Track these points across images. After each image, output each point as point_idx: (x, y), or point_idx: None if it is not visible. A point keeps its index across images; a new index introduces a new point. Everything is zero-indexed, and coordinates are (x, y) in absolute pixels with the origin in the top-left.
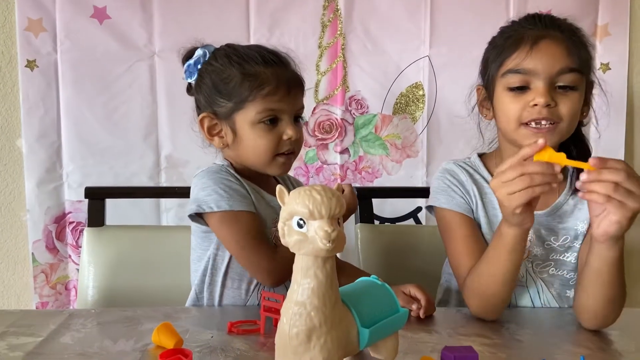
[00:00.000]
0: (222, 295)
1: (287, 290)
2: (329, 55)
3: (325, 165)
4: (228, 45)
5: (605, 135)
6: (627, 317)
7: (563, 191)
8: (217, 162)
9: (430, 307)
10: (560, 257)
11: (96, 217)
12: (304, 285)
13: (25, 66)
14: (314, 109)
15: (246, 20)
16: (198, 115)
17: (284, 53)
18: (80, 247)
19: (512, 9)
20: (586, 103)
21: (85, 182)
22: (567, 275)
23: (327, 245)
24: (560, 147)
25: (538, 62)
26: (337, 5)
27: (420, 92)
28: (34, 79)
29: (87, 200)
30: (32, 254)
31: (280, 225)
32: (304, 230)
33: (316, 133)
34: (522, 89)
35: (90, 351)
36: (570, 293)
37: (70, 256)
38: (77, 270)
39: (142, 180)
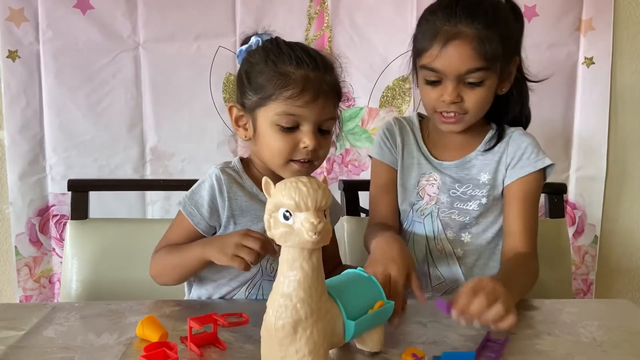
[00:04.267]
0: (212, 293)
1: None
2: (316, 48)
3: None
4: (274, 40)
5: (589, 128)
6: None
7: (476, 148)
8: (234, 159)
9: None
10: (464, 206)
11: (80, 210)
12: (290, 278)
13: (7, 57)
14: None
15: (232, 11)
16: None
17: (330, 57)
18: (64, 240)
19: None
20: (506, 78)
21: (69, 175)
22: (467, 221)
23: (313, 237)
24: (491, 116)
25: (447, 64)
26: None
27: (407, 86)
28: (15, 70)
29: (70, 192)
30: (15, 247)
31: (266, 217)
32: (290, 222)
33: None
34: (435, 82)
35: (74, 345)
36: (465, 237)
37: (54, 249)
38: (61, 263)
39: (127, 173)
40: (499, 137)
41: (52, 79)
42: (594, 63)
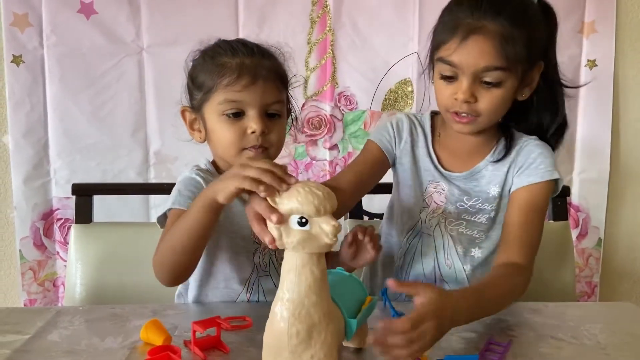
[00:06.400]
0: (207, 296)
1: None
2: (318, 51)
3: (314, 162)
4: (215, 41)
5: (592, 131)
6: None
7: (486, 156)
8: (201, 162)
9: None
10: (472, 218)
11: (84, 214)
12: (300, 284)
13: (11, 61)
14: (303, 105)
15: (235, 15)
16: None
17: (269, 46)
18: (68, 243)
19: None
20: (528, 84)
21: (73, 179)
22: (476, 235)
23: (334, 239)
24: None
25: (464, 58)
26: (326, 1)
27: (409, 88)
28: (20, 75)
29: (74, 196)
30: (20, 251)
31: (273, 228)
32: (307, 228)
33: (305, 129)
34: (451, 77)
35: (78, 349)
36: (476, 252)
37: (58, 253)
38: (65, 267)
39: (131, 177)
40: (510, 146)
41: (56, 84)
42: (596, 65)
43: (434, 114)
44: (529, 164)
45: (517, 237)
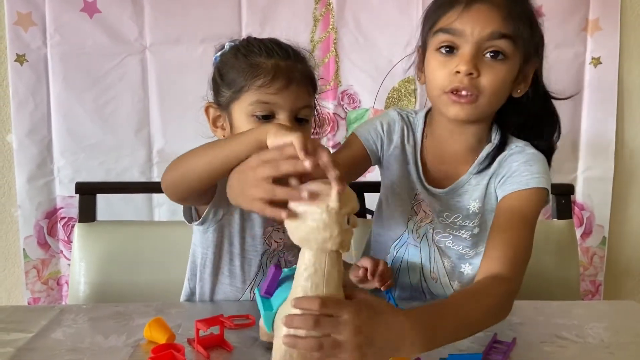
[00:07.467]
0: (214, 292)
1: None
2: (321, 50)
3: None
4: (244, 38)
5: (596, 129)
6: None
7: (470, 166)
8: None
9: (380, 269)
10: (457, 233)
11: (87, 213)
12: (330, 281)
13: (15, 61)
14: None
15: (238, 14)
16: None
17: (301, 49)
18: (72, 242)
19: None
20: (524, 80)
21: (77, 178)
22: (463, 251)
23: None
24: (500, 119)
25: (468, 23)
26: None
27: (412, 87)
28: (23, 74)
29: (78, 195)
30: (24, 249)
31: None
32: (349, 225)
33: None
34: (450, 50)
35: (82, 347)
36: (466, 269)
37: (62, 251)
38: (69, 265)
39: (134, 175)
40: (495, 155)
41: (60, 83)
42: (601, 63)
43: (429, 112)
44: (511, 172)
45: (499, 245)
